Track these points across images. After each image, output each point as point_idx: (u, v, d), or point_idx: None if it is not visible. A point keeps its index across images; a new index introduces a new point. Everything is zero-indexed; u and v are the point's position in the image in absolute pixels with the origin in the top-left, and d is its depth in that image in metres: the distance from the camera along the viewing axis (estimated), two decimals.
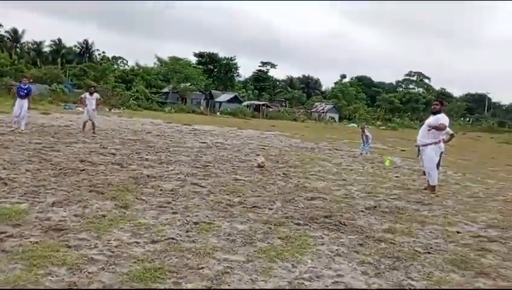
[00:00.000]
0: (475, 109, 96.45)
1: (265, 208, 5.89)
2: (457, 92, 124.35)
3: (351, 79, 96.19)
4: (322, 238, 4.74)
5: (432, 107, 8.43)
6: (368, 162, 12.59)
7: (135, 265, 3.60)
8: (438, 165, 10.56)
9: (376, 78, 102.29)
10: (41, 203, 5.21)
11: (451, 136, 11.18)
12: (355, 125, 49.84)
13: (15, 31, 71.96)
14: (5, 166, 7.29)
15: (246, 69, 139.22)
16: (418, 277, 3.79)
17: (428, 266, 4.08)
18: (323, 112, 67.41)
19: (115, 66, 69.74)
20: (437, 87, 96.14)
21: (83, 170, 7.59)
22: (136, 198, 5.86)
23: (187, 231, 4.61)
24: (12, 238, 3.95)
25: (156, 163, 9.11)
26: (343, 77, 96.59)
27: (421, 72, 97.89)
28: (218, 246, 4.19)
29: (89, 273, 3.37)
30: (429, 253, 4.46)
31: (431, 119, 8.17)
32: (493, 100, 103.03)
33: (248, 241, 4.42)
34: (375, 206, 6.46)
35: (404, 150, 18.37)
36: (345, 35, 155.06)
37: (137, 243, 4.16)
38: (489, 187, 9.48)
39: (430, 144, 8.11)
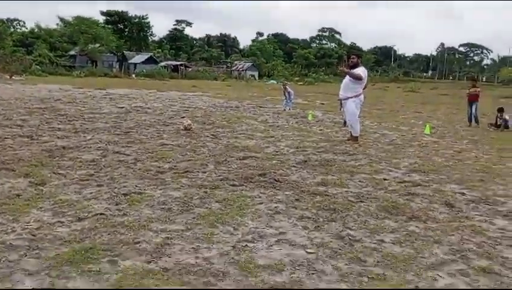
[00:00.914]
0: (382, 61, 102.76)
1: (198, 172, 5.68)
2: (365, 45, 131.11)
3: (268, 36, 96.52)
4: (260, 197, 4.70)
5: (350, 61, 8.66)
6: (292, 118, 12.81)
7: (62, 247, 3.24)
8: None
9: (291, 35, 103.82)
10: None
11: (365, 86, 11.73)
12: (274, 82, 50.47)
13: None
14: None
15: (160, 28, 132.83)
16: (355, 227, 3.91)
17: (363, 214, 4.23)
18: (243, 70, 67.17)
19: (12, 29, 62.40)
20: (348, 42, 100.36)
21: None
22: (53, 173, 5.31)
23: (117, 204, 4.28)
24: None
25: (70, 132, 8.36)
26: (260, 34, 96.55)
27: (332, 28, 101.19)
28: (153, 217, 3.95)
29: (10, 261, 2.97)
30: (362, 202, 4.63)
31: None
32: (398, 52, 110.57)
33: (185, 208, 4.22)
34: (306, 161, 6.57)
35: (323, 104, 19.02)
36: None
37: (61, 222, 3.76)
38: (404, 134, 10.16)
39: (351, 97, 8.39)
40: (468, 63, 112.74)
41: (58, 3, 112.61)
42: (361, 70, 8.35)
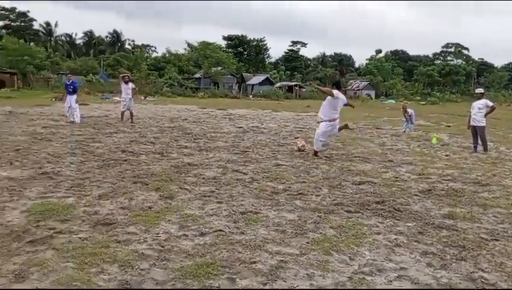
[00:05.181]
0: None
1: (311, 194, 5.65)
2: (498, 61, 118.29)
3: (386, 54, 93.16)
4: (377, 226, 4.47)
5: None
6: (413, 141, 12.04)
7: (186, 260, 3.47)
8: (484, 139, 9.99)
9: (412, 52, 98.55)
10: (88, 197, 5.20)
11: (492, 108, 10.51)
12: (393, 101, 48.36)
13: (48, 23, 74.18)
14: (49, 159, 7.40)
15: (276, 50, 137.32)
16: (490, 268, 3.47)
17: (498, 255, 3.74)
18: (358, 90, 65.74)
19: (147, 54, 70.64)
20: (476, 58, 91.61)
21: (125, 160, 7.59)
22: (180, 188, 5.76)
23: (235, 222, 4.46)
24: (61, 235, 3.93)
25: (195, 150, 9.02)
26: (379, 52, 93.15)
27: (458, 44, 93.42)
28: (268, 238, 4.01)
29: (141, 270, 3.28)
30: (497, 240, 4.11)
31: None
32: None
33: (299, 231, 4.21)
34: (430, 189, 6.08)
35: (449, 126, 17.52)
36: (374, 8, 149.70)
37: (186, 236, 4.04)
38: None
39: (324, 120, 8.59)
40: None
41: (185, 28, 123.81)
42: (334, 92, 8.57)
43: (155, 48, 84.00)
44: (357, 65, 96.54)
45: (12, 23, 68.91)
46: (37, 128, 11.72)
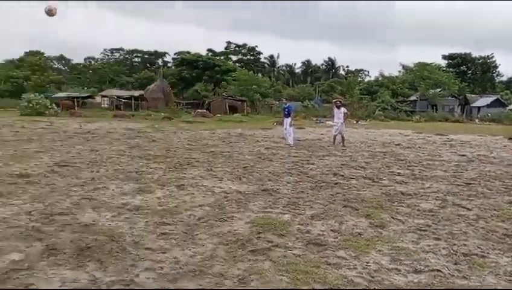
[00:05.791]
0: None
1: None
2: None
3: None
4: None
5: None
6: None
7: None
8: None
9: None
10: (301, 215, 5.47)
11: None
12: None
13: (271, 56, 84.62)
14: (270, 177, 8.17)
15: (509, 67, 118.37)
16: None
17: None
18: None
19: (359, 79, 71.65)
20: None
21: (336, 183, 7.73)
22: (392, 217, 5.48)
23: (455, 264, 3.95)
24: (278, 249, 4.23)
25: (409, 178, 8.48)
26: None
27: None
28: (499, 289, 3.38)
29: None
30: None
31: None
32: None
33: None
34: None
35: None
36: None
37: (398, 270, 3.79)
38: None
39: None
40: None
41: (400, 49, 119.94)
42: None
43: (368, 72, 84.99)
44: None
45: (243, 57, 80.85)
46: (261, 149, 13.17)
